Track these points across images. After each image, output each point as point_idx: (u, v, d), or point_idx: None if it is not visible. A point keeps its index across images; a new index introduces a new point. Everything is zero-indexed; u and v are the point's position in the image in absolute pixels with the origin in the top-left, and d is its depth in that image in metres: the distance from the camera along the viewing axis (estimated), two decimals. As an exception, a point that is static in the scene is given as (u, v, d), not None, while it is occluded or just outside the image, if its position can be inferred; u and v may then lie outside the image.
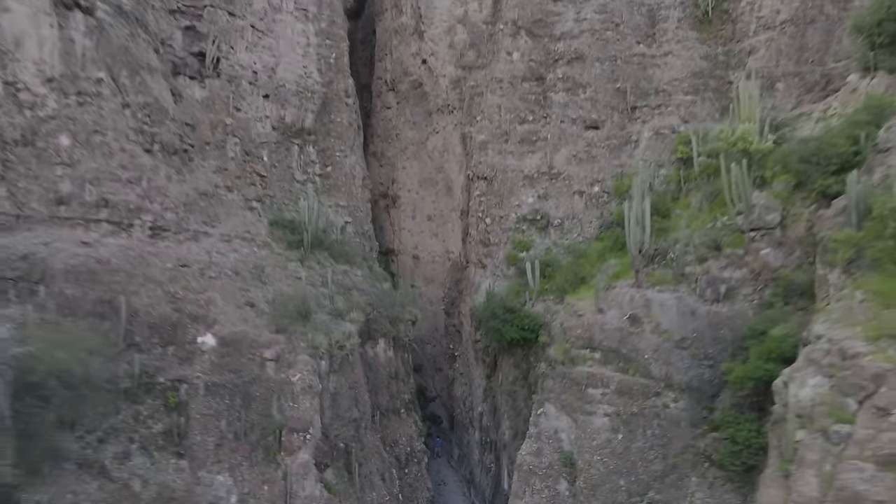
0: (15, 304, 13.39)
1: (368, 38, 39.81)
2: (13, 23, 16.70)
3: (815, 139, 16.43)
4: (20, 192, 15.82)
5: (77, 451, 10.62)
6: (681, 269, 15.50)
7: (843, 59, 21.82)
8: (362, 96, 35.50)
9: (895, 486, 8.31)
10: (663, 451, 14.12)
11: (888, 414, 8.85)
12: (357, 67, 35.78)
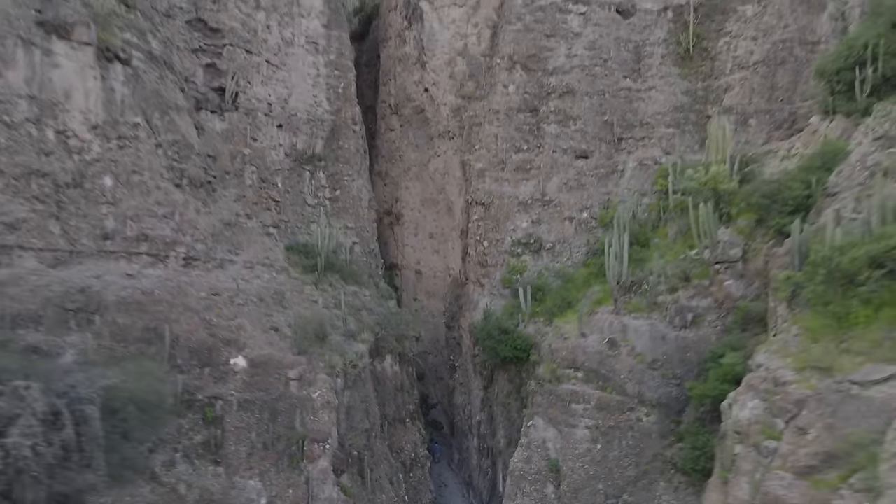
0: (76, 333, 15.48)
1: (373, 61, 41.79)
2: (63, 77, 18.81)
3: (775, 181, 18.53)
4: (72, 229, 17.92)
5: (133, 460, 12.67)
6: (654, 299, 17.61)
7: (808, 99, 23.90)
8: (367, 117, 37.49)
9: (808, 492, 10.39)
10: (636, 460, 16.22)
11: (806, 433, 10.92)
12: (362, 89, 37.78)
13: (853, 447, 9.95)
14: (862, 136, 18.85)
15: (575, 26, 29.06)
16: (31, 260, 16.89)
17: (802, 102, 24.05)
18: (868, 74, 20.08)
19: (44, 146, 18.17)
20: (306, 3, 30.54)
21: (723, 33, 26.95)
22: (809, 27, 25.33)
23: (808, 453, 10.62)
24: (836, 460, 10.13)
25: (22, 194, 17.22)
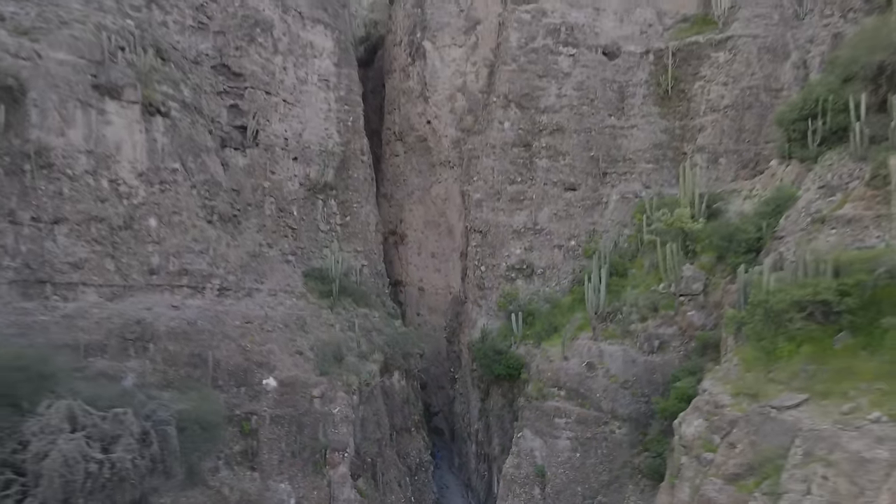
0: (134, 359, 18.27)
1: (378, 88, 44.47)
2: (114, 132, 21.61)
3: (733, 224, 21.31)
4: (124, 266, 20.69)
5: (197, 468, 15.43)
6: (626, 327, 20.38)
7: (770, 142, 26.64)
8: (373, 141, 40.15)
9: (733, 495, 13.15)
10: (609, 466, 18.98)
11: (735, 447, 13.68)
12: (368, 114, 40.43)
13: (766, 459, 12.73)
14: (810, 183, 21.62)
15: (565, 67, 31.84)
16: (92, 295, 19.70)
17: (766, 144, 26.84)
18: (819, 126, 22.80)
19: (99, 194, 20.99)
20: (318, 45, 33.35)
21: (698, 77, 29.74)
22: (774, 75, 28.13)
23: (735, 463, 13.39)
24: (754, 470, 12.90)
25: (83, 237, 20.05)
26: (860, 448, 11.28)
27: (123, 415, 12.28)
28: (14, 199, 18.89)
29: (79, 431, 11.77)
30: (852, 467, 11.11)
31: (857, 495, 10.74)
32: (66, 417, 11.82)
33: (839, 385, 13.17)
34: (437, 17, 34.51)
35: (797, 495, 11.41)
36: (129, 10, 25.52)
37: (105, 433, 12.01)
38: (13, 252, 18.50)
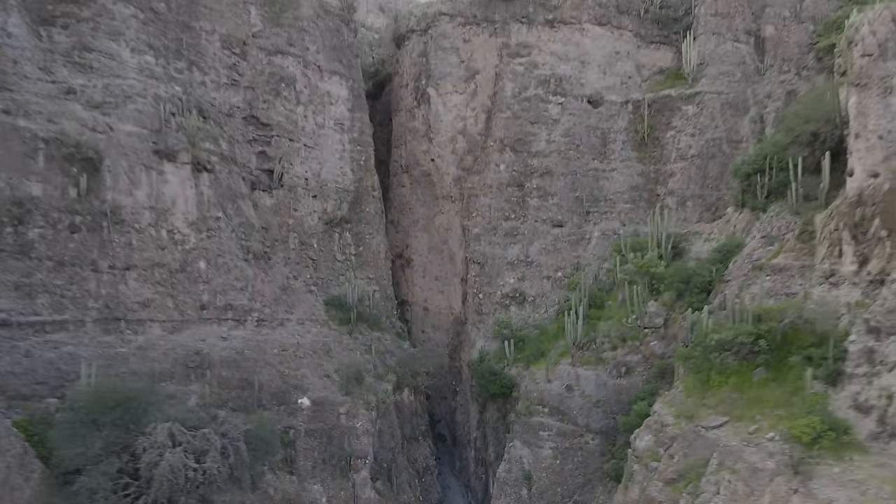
0: (195, 383, 22.32)
1: (386, 120, 48.35)
2: (170, 189, 25.67)
3: (691, 268, 25.36)
4: (180, 303, 24.74)
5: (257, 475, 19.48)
6: (599, 354, 24.46)
7: (729, 189, 30.68)
8: (380, 170, 44.07)
9: (670, 495, 17.20)
10: (584, 471, 23.02)
11: (673, 458, 17.74)
12: (376, 145, 44.37)
13: (692, 467, 16.80)
14: (756, 232, 25.72)
15: (554, 114, 35.91)
16: (157, 329, 23.75)
17: (726, 191, 30.89)
18: (766, 181, 26.88)
19: (160, 243, 25.06)
20: (335, 93, 37.39)
21: (670, 127, 33.79)
22: (735, 128, 32.20)
23: (672, 470, 17.46)
24: (684, 475, 16.97)
25: (148, 280, 24.11)
26: (755, 460, 15.37)
27: (209, 433, 16.36)
28: (95, 251, 22.98)
29: (178, 447, 15.85)
30: (748, 474, 15.19)
31: (749, 495, 14.82)
32: (168, 436, 15.90)
33: (750, 411, 17.25)
34: (440, 67, 38.53)
35: (710, 495, 15.50)
36: (174, 74, 29.58)
37: (196, 448, 16.08)
38: (95, 295, 22.58)
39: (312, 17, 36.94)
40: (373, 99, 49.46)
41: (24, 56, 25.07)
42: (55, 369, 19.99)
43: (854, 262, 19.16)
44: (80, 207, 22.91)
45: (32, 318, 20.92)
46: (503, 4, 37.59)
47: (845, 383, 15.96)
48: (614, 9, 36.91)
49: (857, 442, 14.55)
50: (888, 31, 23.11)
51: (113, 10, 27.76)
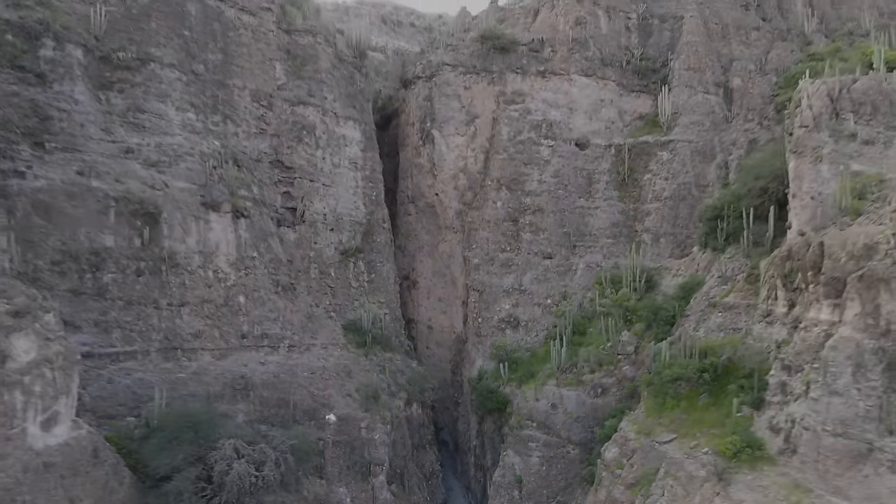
0: (241, 402, 26.69)
1: (393, 151, 52.61)
2: (214, 235, 30.08)
3: (658, 303, 29.75)
4: (225, 333, 29.13)
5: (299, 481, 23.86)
6: (580, 377, 28.88)
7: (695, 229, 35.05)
8: (388, 198, 48.39)
9: (630, 497, 21.58)
10: (565, 476, 27.42)
11: (633, 466, 22.14)
12: (384, 174, 48.78)
13: (647, 474, 21.21)
14: (715, 271, 30.13)
15: (545, 156, 40.33)
16: (207, 356, 28.15)
17: (693, 230, 35.28)
18: (724, 226, 31.25)
19: (207, 281, 29.48)
20: (349, 136, 41.78)
21: (647, 170, 38.21)
22: (702, 173, 36.62)
23: (632, 476, 21.88)
24: (640, 481, 21.37)
25: (199, 314, 28.51)
26: (692, 469, 19.79)
27: (265, 447, 20.76)
28: (156, 290, 27.41)
29: (242, 458, 20.26)
30: (686, 480, 19.61)
31: (685, 496, 19.24)
32: (234, 449, 20.31)
33: (693, 429, 21.66)
34: (443, 112, 42.93)
35: (657, 497, 19.93)
36: (211, 127, 34.03)
37: (256, 459, 20.47)
38: (157, 328, 27.02)
39: (329, 68, 41.36)
40: (381, 130, 53.66)
41: (89, 119, 29.49)
42: (131, 392, 24.42)
43: (785, 306, 23.56)
44: (143, 254, 27.38)
45: (109, 350, 25.35)
46: (500, 56, 42.02)
47: (765, 409, 20.38)
48: (599, 61, 41.33)
49: (768, 456, 18.94)
50: (822, 106, 27.66)
51: (161, 75, 32.19)
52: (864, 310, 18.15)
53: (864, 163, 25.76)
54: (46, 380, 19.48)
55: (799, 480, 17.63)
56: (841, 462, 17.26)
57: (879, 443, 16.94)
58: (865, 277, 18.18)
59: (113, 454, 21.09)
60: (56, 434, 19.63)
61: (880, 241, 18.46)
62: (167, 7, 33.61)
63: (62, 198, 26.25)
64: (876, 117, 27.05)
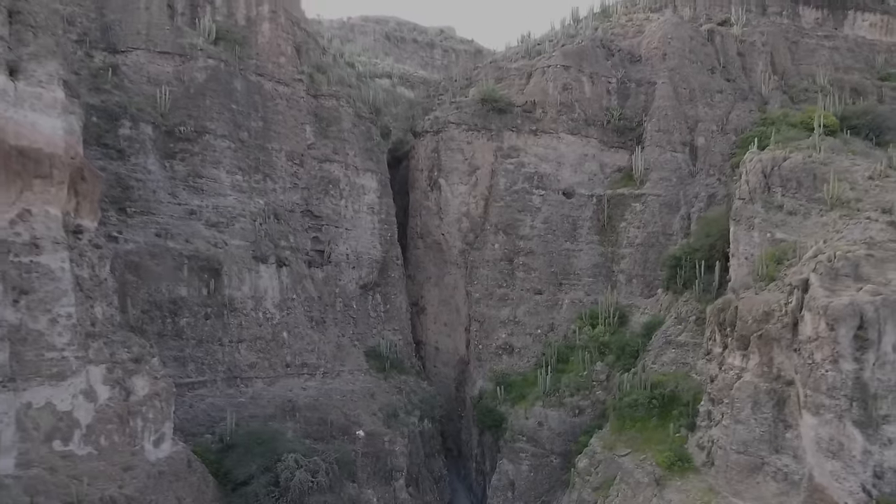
0: (290, 421, 33.24)
1: (403, 189, 58.99)
2: (263, 282, 36.66)
3: (626, 338, 36.32)
4: (273, 363, 35.70)
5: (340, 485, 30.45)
6: (562, 400, 35.48)
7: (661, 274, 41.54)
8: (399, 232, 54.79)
9: (595, 497, 28.19)
10: (549, 480, 34.01)
11: (598, 473, 28.75)
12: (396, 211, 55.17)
13: (608, 480, 27.84)
14: (674, 312, 36.73)
15: (537, 204, 46.91)
16: (260, 383, 34.74)
17: (659, 274, 41.82)
18: (682, 273, 37.80)
19: (258, 321, 36.06)
20: (367, 186, 48.36)
21: (623, 219, 44.78)
22: (668, 223, 43.22)
23: (597, 481, 28.52)
24: (603, 485, 28.01)
25: (252, 349, 35.11)
26: (639, 477, 26.43)
27: (317, 460, 27.37)
28: (219, 330, 34.02)
29: (300, 468, 26.87)
30: (634, 485, 26.26)
31: (632, 497, 25.87)
32: (294, 461, 26.91)
33: (643, 446, 28.29)
34: (448, 163, 49.50)
35: (612, 497, 26.58)
36: (255, 185, 40.61)
37: (311, 468, 27.08)
38: (221, 361, 33.62)
39: (350, 127, 48.03)
40: (392, 168, 60.12)
41: (159, 186, 36.17)
42: (206, 415, 31.06)
43: (720, 347, 30.16)
44: (209, 301, 34.02)
45: (186, 380, 31.96)
46: (498, 116, 48.67)
47: (696, 431, 27.01)
48: (583, 121, 47.96)
49: (694, 467, 25.56)
50: (757, 181, 34.37)
51: (214, 144, 38.86)
52: (761, 360, 24.80)
53: (787, 231, 32.37)
54: (156, 409, 26.13)
55: (713, 486, 24.28)
56: (741, 472, 23.90)
57: (768, 458, 23.58)
58: (763, 337, 24.83)
59: (200, 464, 27.72)
60: (163, 449, 26.27)
61: (775, 309, 25.07)
62: (218, 85, 40.31)
63: (147, 257, 32.88)
64: (800, 191, 33.65)
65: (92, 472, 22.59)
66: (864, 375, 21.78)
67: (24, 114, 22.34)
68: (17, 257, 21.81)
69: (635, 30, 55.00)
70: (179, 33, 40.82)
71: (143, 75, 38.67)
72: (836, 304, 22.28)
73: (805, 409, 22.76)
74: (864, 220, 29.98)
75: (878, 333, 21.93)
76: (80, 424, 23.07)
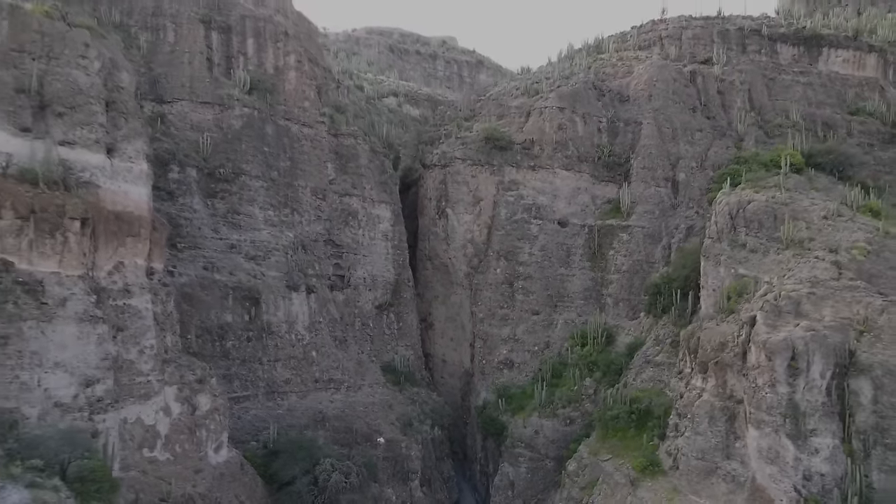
0: (320, 430, 38.54)
1: (413, 213, 64.22)
2: (295, 308, 41.98)
3: (611, 357, 41.61)
4: (304, 379, 41.01)
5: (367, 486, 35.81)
6: (554, 411, 40.80)
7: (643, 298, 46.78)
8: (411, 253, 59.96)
9: (581, 495, 33.48)
10: (544, 481, 39.31)
11: (585, 475, 34.07)
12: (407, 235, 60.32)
13: (591, 481, 33.17)
14: (652, 335, 42.03)
15: (534, 232, 52.17)
16: (294, 397, 40.06)
17: (643, 299, 47.07)
18: (662, 300, 43.04)
19: (291, 342, 41.41)
20: (382, 216, 53.70)
21: (611, 247, 50.05)
22: (651, 252, 48.50)
23: (583, 482, 33.84)
24: (588, 485, 33.34)
25: (287, 367, 40.40)
26: (617, 478, 31.76)
27: (349, 464, 32.70)
28: (259, 351, 39.36)
29: (335, 471, 32.20)
30: (613, 485, 31.59)
31: (611, 495, 31.20)
32: (330, 465, 32.24)
33: (623, 452, 33.60)
34: (455, 194, 54.78)
35: (595, 496, 31.90)
36: (284, 219, 45.97)
37: (345, 471, 32.41)
38: (261, 378, 38.96)
39: (366, 163, 53.43)
40: (402, 193, 65.42)
41: (203, 223, 41.53)
42: (251, 425, 36.40)
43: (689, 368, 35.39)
44: (251, 326, 39.38)
45: (233, 395, 37.27)
46: (500, 153, 53.99)
47: (665, 440, 32.32)
48: (576, 158, 53.25)
49: (662, 471, 30.85)
50: (724, 223, 39.57)
51: (250, 184, 44.21)
52: (717, 382, 30.13)
53: (748, 267, 37.58)
54: (216, 421, 31.49)
55: (676, 486, 29.61)
56: (699, 475, 29.24)
57: (721, 464, 28.91)
58: (719, 363, 30.16)
59: (250, 467, 33.09)
60: (221, 455, 31.66)
61: (729, 340, 30.39)
62: (252, 131, 45.76)
63: (198, 288, 38.27)
64: (761, 230, 38.83)
65: (171, 474, 27.97)
66: (795, 397, 27.11)
67: (119, 185, 27.75)
68: (114, 301, 27.19)
69: (625, 70, 60.30)
70: (218, 84, 46.34)
71: (186, 123, 44.21)
72: (773, 339, 27.62)
73: (750, 424, 28.09)
74: (813, 259, 35.19)
75: (807, 363, 27.26)
76: (160, 435, 28.44)
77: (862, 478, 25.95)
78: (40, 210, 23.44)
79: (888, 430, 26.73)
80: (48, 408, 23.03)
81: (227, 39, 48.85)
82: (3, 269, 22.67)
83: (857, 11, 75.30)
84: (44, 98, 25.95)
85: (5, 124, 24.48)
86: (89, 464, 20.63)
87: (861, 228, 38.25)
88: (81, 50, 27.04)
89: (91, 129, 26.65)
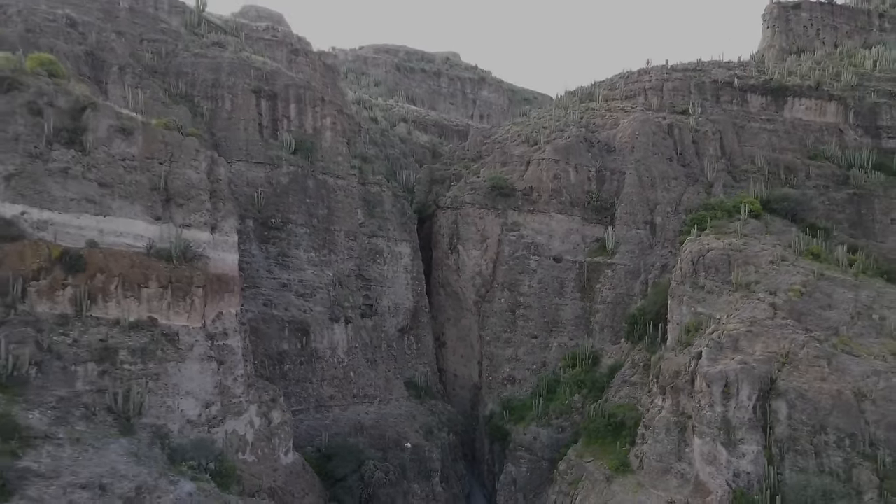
0: (359, 437, 47.50)
1: (427, 244, 73.23)
2: (336, 336, 50.98)
3: (596, 377, 50.61)
4: (344, 395, 49.96)
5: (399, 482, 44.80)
6: (550, 421, 49.88)
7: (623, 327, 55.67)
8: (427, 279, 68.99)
9: (570, 489, 42.52)
10: (541, 479, 48.26)
11: (572, 475, 43.13)
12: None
13: (576, 479, 42.25)
14: (629, 359, 51.14)
15: (533, 267, 61.24)
16: (337, 410, 49.06)
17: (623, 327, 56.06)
18: (639, 329, 52.05)
19: (335, 364, 50.41)
20: (403, 252, 62.82)
21: (598, 281, 59.04)
22: (631, 287, 57.51)
23: (571, 479, 42.88)
24: (574, 482, 42.42)
25: (331, 385, 49.41)
26: (597, 477, 40.85)
27: (388, 464, 41.71)
28: (309, 373, 48.39)
29: (377, 470, 41.27)
30: (593, 482, 40.67)
31: (591, 490, 40.27)
32: (373, 465, 41.30)
33: (602, 456, 42.63)
34: (465, 233, 63.87)
35: (580, 490, 40.99)
36: (322, 258, 55.09)
37: (385, 470, 41.44)
38: (311, 395, 47.98)
39: (390, 207, 62.58)
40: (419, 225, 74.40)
41: (259, 265, 50.69)
42: (306, 434, 45.46)
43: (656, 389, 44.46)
44: (302, 353, 48.48)
45: (290, 410, 46.29)
46: (503, 199, 63.10)
47: (634, 447, 41.38)
48: (569, 203, 62.33)
49: (631, 470, 39.86)
50: (687, 268, 48.60)
51: (296, 231, 53.40)
52: (673, 402, 39.19)
53: (705, 306, 46.57)
54: (285, 431, 40.56)
55: (641, 482, 38.68)
56: (658, 473, 38.30)
57: (674, 465, 37.94)
58: (675, 388, 39.23)
59: (309, 468, 42.15)
60: (289, 458, 40.73)
61: (682, 370, 39.44)
62: (297, 185, 54.91)
63: (261, 323, 47.35)
64: (717, 275, 47.79)
65: (258, 472, 37.03)
66: (728, 415, 36.13)
67: (220, 254, 36.83)
68: (216, 342, 36.25)
69: (612, 122, 69.38)
70: (268, 146, 55.60)
71: (244, 180, 53.38)
72: (711, 371, 36.67)
73: (695, 435, 37.13)
74: (756, 300, 44.18)
75: (737, 389, 36.28)
76: (248, 442, 37.49)
77: (776, 475, 34.88)
78: (175, 281, 32.50)
79: (798, 439, 35.67)
80: (183, 424, 32.09)
81: (273, 105, 58.04)
82: (151, 325, 31.76)
83: (831, 48, 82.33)
84: (169, 192, 35.04)
85: (145, 215, 33.57)
86: (223, 464, 29.64)
87: (800, 272, 46.99)
88: (193, 154, 36.12)
89: (201, 213, 35.74)
